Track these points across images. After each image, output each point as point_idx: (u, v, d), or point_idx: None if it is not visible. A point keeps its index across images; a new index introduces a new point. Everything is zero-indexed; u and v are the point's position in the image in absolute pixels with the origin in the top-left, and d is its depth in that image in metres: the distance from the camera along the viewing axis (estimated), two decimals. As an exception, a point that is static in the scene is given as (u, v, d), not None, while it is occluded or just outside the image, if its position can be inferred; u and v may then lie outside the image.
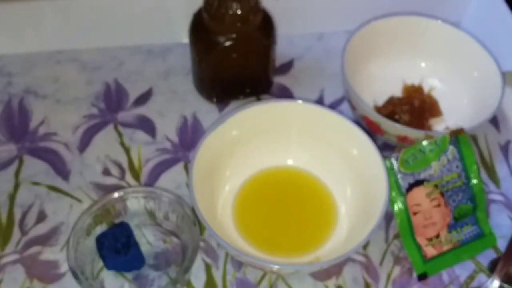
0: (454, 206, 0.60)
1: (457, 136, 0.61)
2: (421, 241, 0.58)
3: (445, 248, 0.59)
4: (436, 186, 0.60)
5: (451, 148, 0.60)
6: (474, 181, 0.61)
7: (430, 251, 0.58)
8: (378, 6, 0.71)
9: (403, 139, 0.62)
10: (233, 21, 0.61)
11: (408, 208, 0.59)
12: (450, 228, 0.59)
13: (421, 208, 0.59)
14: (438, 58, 0.71)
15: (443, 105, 0.69)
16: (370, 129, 0.64)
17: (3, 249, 0.58)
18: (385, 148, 0.67)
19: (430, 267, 0.57)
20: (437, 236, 0.59)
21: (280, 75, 0.74)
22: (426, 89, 0.71)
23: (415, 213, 0.59)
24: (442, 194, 0.60)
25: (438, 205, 0.60)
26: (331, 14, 0.76)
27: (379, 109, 0.68)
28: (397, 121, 0.65)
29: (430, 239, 0.59)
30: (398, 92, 0.71)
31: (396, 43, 0.70)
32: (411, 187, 0.60)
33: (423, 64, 0.72)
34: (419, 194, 0.60)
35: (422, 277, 0.57)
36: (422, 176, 0.60)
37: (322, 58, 0.75)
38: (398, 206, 0.59)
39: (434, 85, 0.71)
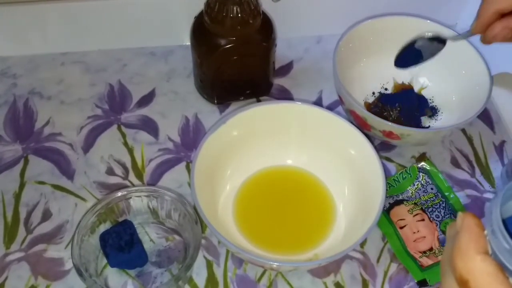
0: (438, 221, 0.61)
1: (424, 161, 0.65)
2: (415, 254, 0.59)
3: (440, 257, 0.59)
4: (415, 203, 0.62)
5: (421, 174, 0.64)
6: (451, 196, 0.63)
7: (426, 261, 0.59)
8: (375, 9, 0.72)
9: (388, 135, 0.63)
10: (234, 24, 0.62)
11: (393, 222, 0.61)
12: (442, 243, 0.60)
13: (406, 222, 0.61)
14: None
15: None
16: (359, 124, 0.64)
17: (8, 247, 0.59)
18: (382, 148, 0.68)
19: (428, 274, 0.58)
20: (431, 249, 0.60)
21: (280, 77, 0.74)
22: (416, 87, 0.72)
23: (401, 227, 0.61)
24: (423, 210, 0.62)
25: (422, 220, 0.61)
26: (330, 18, 0.76)
27: (368, 106, 0.68)
28: (385, 118, 0.66)
29: (424, 252, 0.59)
30: (389, 90, 0.72)
31: (387, 42, 0.70)
32: (391, 206, 0.62)
33: None
34: (401, 211, 0.62)
35: (422, 283, 0.58)
36: (401, 197, 0.63)
37: (320, 60, 0.76)
38: (384, 223, 0.61)
39: (424, 83, 0.72)
